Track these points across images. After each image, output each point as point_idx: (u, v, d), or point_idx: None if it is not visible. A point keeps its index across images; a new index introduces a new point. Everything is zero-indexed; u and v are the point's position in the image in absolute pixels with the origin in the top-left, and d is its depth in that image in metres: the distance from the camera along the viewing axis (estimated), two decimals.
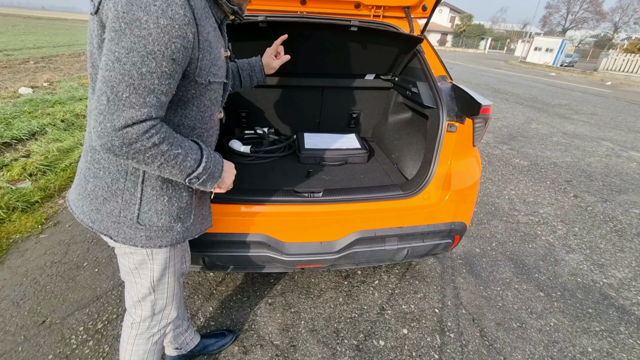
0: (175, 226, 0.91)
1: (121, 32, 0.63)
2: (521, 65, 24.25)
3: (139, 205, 0.84)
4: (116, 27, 0.63)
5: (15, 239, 2.21)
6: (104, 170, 0.82)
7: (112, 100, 0.64)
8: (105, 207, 0.84)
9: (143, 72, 0.65)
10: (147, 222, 0.86)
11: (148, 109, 0.67)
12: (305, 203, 1.43)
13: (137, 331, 1.07)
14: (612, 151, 4.98)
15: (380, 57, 2.00)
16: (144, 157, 0.70)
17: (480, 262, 2.28)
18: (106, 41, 0.65)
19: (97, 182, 0.83)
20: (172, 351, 1.42)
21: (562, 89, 11.85)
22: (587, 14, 48.30)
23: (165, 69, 0.68)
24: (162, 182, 0.85)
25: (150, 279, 0.99)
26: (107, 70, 0.64)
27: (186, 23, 0.68)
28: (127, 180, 0.82)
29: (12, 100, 4.90)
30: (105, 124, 0.65)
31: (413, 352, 1.61)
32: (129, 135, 0.66)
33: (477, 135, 1.55)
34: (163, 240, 0.90)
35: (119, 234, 0.86)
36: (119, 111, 0.64)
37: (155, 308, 1.05)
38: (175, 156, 0.75)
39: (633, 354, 1.67)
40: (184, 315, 1.38)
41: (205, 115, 0.87)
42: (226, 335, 1.57)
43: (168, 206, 0.88)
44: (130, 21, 0.63)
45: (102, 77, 0.65)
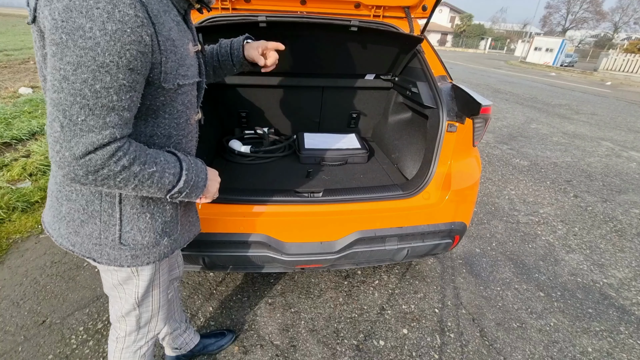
0: (162, 241, 0.85)
1: (63, 45, 0.54)
2: (521, 65, 24.24)
3: (120, 225, 0.77)
4: (56, 39, 0.54)
5: (15, 239, 2.21)
6: (77, 193, 0.75)
7: (66, 125, 0.56)
8: (84, 229, 0.78)
9: (97, 89, 0.57)
10: (130, 242, 0.80)
11: (110, 129, 0.60)
12: (305, 203, 1.43)
13: (122, 345, 1.03)
14: (612, 151, 4.98)
15: (380, 57, 2.00)
16: (115, 182, 0.64)
17: (480, 262, 2.28)
18: (48, 57, 0.56)
19: (71, 204, 0.76)
20: (172, 351, 1.42)
21: (562, 89, 11.85)
22: (587, 14, 48.31)
23: (123, 82, 0.59)
24: (142, 199, 0.78)
25: (135, 294, 0.93)
26: (55, 91, 0.56)
27: (139, 25, 0.58)
28: (103, 202, 0.75)
29: (12, 100, 4.90)
30: (64, 153, 0.57)
31: (413, 352, 1.61)
32: (93, 162, 0.59)
33: (477, 135, 1.55)
34: (150, 257, 0.84)
35: (102, 255, 0.80)
36: (76, 137, 0.57)
37: (141, 322, 1.01)
38: (150, 175, 0.68)
39: (633, 354, 1.67)
40: (181, 317, 1.38)
41: (180, 122, 0.80)
42: (226, 334, 1.57)
43: (151, 223, 0.81)
44: (71, 31, 0.54)
45: (51, 99, 0.57)
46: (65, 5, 0.53)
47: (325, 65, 2.06)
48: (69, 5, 0.53)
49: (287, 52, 1.92)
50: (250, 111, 2.34)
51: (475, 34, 49.15)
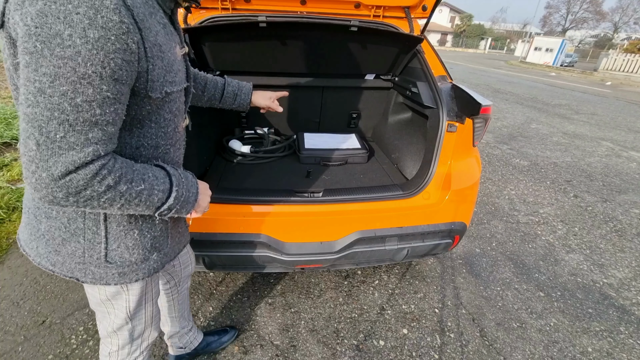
0: (151, 256, 0.80)
1: (38, 55, 0.48)
2: (521, 65, 24.24)
3: (105, 243, 0.72)
4: (30, 48, 0.48)
5: (15, 239, 2.21)
6: (57, 210, 0.68)
7: (43, 143, 0.50)
8: (66, 248, 0.71)
9: (78, 103, 0.51)
10: (117, 260, 0.74)
11: (93, 146, 0.54)
12: (305, 203, 1.44)
13: (117, 359, 0.98)
14: (612, 151, 4.98)
15: (380, 57, 2.00)
16: (100, 203, 0.59)
17: (480, 262, 2.28)
18: (21, 67, 0.50)
19: (51, 222, 0.70)
20: (176, 351, 1.42)
21: (562, 89, 11.85)
22: (587, 14, 48.32)
23: (107, 94, 0.54)
24: (129, 216, 0.73)
25: (126, 309, 0.88)
26: (29, 106, 0.50)
27: (124, 31, 0.53)
28: (87, 219, 0.69)
29: (12, 100, 4.90)
30: (40, 173, 0.51)
31: (413, 352, 1.61)
32: (74, 182, 0.53)
33: (477, 135, 1.55)
34: (139, 274, 0.79)
35: (86, 275, 0.74)
36: (55, 156, 0.51)
37: (134, 334, 0.95)
38: (138, 194, 0.63)
39: (633, 354, 1.67)
40: (188, 316, 1.38)
41: (168, 130, 0.75)
42: (228, 331, 1.58)
43: (140, 239, 0.76)
44: (47, 38, 0.48)
45: (25, 114, 0.50)
46: (39, 9, 0.47)
47: (325, 65, 2.06)
48: (44, 10, 0.47)
49: (287, 52, 1.92)
50: (250, 111, 2.33)
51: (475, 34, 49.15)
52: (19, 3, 0.49)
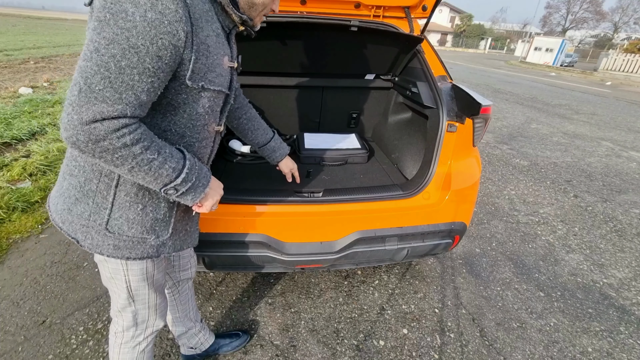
0: (148, 238, 0.84)
1: (105, 22, 0.59)
2: (521, 65, 24.24)
3: (110, 210, 0.77)
4: (101, 17, 0.59)
5: (15, 239, 2.21)
6: (79, 169, 0.77)
7: (84, 91, 0.59)
8: (77, 208, 0.78)
9: (122, 66, 0.60)
10: (116, 230, 0.79)
11: (123, 105, 0.62)
12: (305, 203, 1.43)
13: (121, 340, 1.03)
14: (612, 151, 4.98)
15: (380, 57, 2.00)
16: (112, 158, 0.64)
17: (480, 262, 2.28)
18: (89, 31, 0.61)
19: (71, 180, 0.78)
20: (187, 350, 1.43)
21: (562, 89, 11.85)
22: (587, 14, 48.29)
23: (148, 66, 0.62)
24: (139, 189, 0.78)
25: (126, 290, 0.93)
26: (84, 60, 0.60)
27: (177, 19, 0.63)
28: (101, 182, 0.76)
29: (12, 100, 4.90)
30: (73, 115, 0.59)
31: (413, 352, 1.61)
32: (97, 131, 0.60)
33: (477, 135, 1.55)
34: (132, 252, 0.83)
35: (86, 238, 0.80)
36: (89, 104, 0.59)
37: (137, 318, 1.00)
38: (149, 162, 0.68)
39: (633, 354, 1.67)
40: (196, 316, 1.39)
41: (197, 124, 0.81)
42: (240, 336, 1.57)
43: (142, 215, 0.81)
44: (116, 12, 0.59)
45: (78, 66, 0.60)
46: None
47: (325, 65, 2.06)
48: None
49: (288, 52, 1.92)
50: None
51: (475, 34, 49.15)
52: None
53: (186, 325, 1.34)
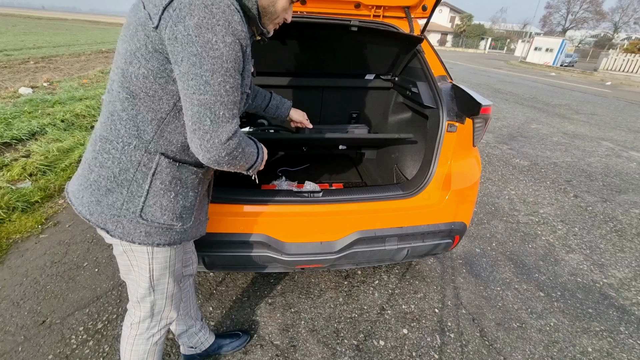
0: (176, 225, 0.90)
1: (200, 57, 0.68)
2: (521, 65, 24.24)
3: (145, 197, 0.83)
4: (194, 51, 0.68)
5: (15, 239, 2.21)
6: (113, 160, 0.81)
7: (214, 120, 0.72)
8: (108, 198, 0.82)
9: (227, 89, 0.72)
10: (149, 217, 0.85)
11: (236, 119, 0.76)
12: (305, 203, 1.43)
13: (136, 331, 1.07)
14: (612, 151, 4.98)
15: (380, 57, 2.00)
16: (240, 158, 0.81)
17: (480, 262, 2.28)
18: (187, 65, 0.69)
19: (102, 171, 0.82)
20: (187, 350, 1.43)
21: (562, 89, 11.85)
22: (587, 14, 48.29)
23: (237, 82, 0.75)
24: (172, 177, 0.85)
25: (149, 279, 0.97)
26: (201, 94, 0.70)
27: (244, 38, 0.74)
28: (138, 171, 0.81)
29: (12, 100, 4.90)
30: (213, 140, 0.73)
31: (413, 352, 1.61)
32: (231, 145, 0.76)
33: (477, 135, 1.55)
34: (162, 239, 0.89)
35: (117, 228, 0.84)
36: (220, 128, 0.73)
37: (155, 309, 1.04)
38: (251, 153, 0.85)
39: (633, 354, 1.67)
40: (197, 315, 1.39)
41: None
42: (240, 336, 1.58)
43: (174, 203, 0.88)
44: (203, 44, 0.68)
45: (198, 100, 0.71)
46: (196, 22, 0.67)
47: (325, 65, 2.06)
48: (199, 23, 0.67)
49: (288, 52, 1.92)
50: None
51: (475, 34, 49.15)
52: (181, 17, 0.67)
53: (187, 324, 1.34)
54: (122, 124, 0.78)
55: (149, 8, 0.71)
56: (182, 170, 0.87)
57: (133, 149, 0.80)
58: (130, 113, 0.77)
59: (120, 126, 0.79)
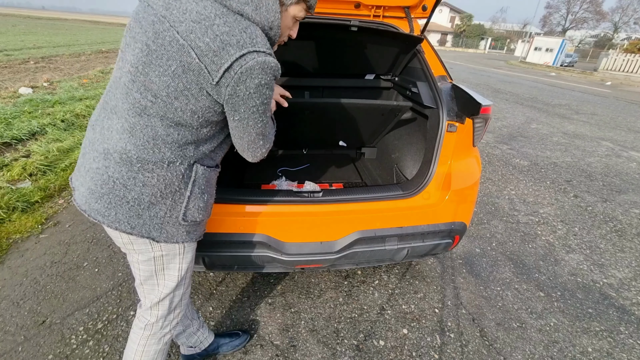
0: (202, 221, 1.01)
1: (258, 107, 0.83)
2: (521, 65, 24.24)
3: (187, 203, 0.92)
4: (254, 104, 0.83)
5: (15, 239, 2.21)
6: (159, 178, 0.87)
7: (265, 141, 0.94)
8: (150, 211, 0.88)
9: (264, 122, 0.90)
10: (190, 219, 0.94)
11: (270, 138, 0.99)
12: (305, 203, 1.43)
13: (150, 332, 1.09)
14: (612, 151, 4.98)
15: (380, 57, 2.00)
16: None
17: (480, 262, 2.28)
18: (245, 112, 0.83)
19: (145, 189, 0.86)
20: (187, 350, 1.43)
21: (562, 89, 11.85)
22: (587, 14, 48.27)
23: None
24: (206, 180, 0.95)
25: (178, 277, 1.03)
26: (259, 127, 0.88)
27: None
28: (181, 182, 0.89)
29: (12, 100, 4.90)
30: (263, 151, 0.95)
31: (413, 352, 1.61)
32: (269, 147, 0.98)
33: (477, 135, 1.55)
34: (195, 234, 1.00)
35: (162, 234, 0.91)
36: (268, 144, 0.96)
37: (172, 305, 1.08)
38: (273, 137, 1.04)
39: (633, 354, 1.67)
40: (192, 315, 1.39)
41: None
42: (240, 335, 1.58)
43: (207, 202, 0.98)
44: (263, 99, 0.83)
45: (255, 131, 0.89)
46: (256, 84, 0.79)
47: (325, 65, 2.06)
48: (259, 84, 0.80)
49: (287, 53, 1.92)
50: None
51: (475, 34, 49.15)
52: (242, 80, 0.78)
53: (183, 323, 1.33)
54: (167, 147, 0.85)
55: (204, 61, 0.76)
56: (210, 173, 0.97)
57: (178, 165, 0.88)
58: (175, 137, 0.84)
59: (165, 149, 0.85)
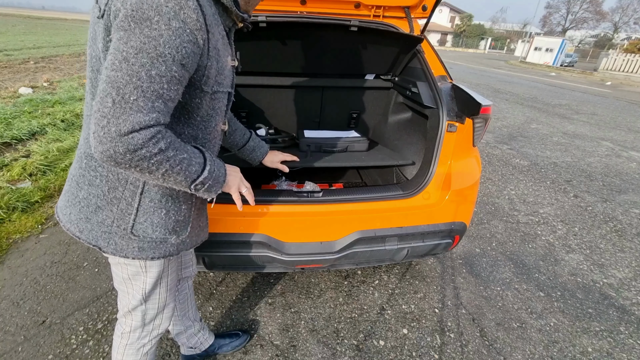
0: (170, 239, 0.87)
1: (130, 32, 0.60)
2: (521, 65, 24.24)
3: (135, 215, 0.80)
4: (125, 26, 0.60)
5: (15, 239, 2.21)
6: (101, 178, 0.78)
7: (118, 102, 0.59)
8: (97, 216, 0.80)
9: (152, 75, 0.61)
10: (140, 233, 0.82)
11: (156, 114, 0.63)
12: (305, 203, 1.43)
13: (127, 341, 1.05)
14: (612, 151, 4.98)
15: (380, 57, 2.00)
16: (149, 164, 0.65)
17: (480, 262, 2.28)
18: (114, 40, 0.61)
19: (91, 189, 0.79)
20: (187, 350, 1.43)
21: (562, 89, 11.85)
22: (587, 14, 48.26)
23: (174, 74, 0.64)
24: (162, 195, 0.81)
25: (142, 290, 0.95)
26: (113, 70, 0.59)
27: (198, 28, 0.65)
28: (126, 190, 0.78)
29: (12, 100, 4.90)
30: (110, 127, 0.59)
31: (413, 352, 1.61)
32: (135, 140, 0.60)
33: (477, 135, 1.55)
34: (156, 252, 0.86)
35: (109, 244, 0.81)
36: (125, 114, 0.59)
37: (146, 318, 1.02)
38: (180, 161, 0.70)
39: (633, 354, 1.67)
40: (195, 316, 1.39)
41: (209, 125, 0.84)
42: (240, 336, 1.57)
43: (165, 219, 0.84)
44: (140, 20, 0.59)
45: (107, 77, 0.60)
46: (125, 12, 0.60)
47: (325, 65, 2.06)
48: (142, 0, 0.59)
49: (287, 52, 1.92)
50: (250, 111, 2.34)
51: (475, 34, 49.15)
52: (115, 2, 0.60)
53: (184, 324, 1.34)
54: None
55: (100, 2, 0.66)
56: (172, 190, 0.82)
57: None
58: None
59: None
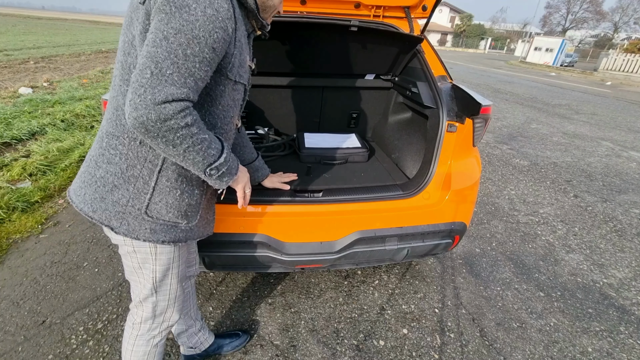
0: (181, 223, 0.90)
1: (171, 15, 0.67)
2: (521, 65, 24.24)
3: (151, 194, 0.83)
4: (166, 9, 0.67)
5: (15, 239, 2.21)
6: (120, 156, 0.80)
7: (155, 74, 0.66)
8: (113, 195, 0.82)
9: (187, 54, 0.68)
10: (154, 214, 0.85)
11: (187, 89, 0.69)
12: (305, 203, 1.43)
13: (137, 332, 1.06)
14: (612, 151, 4.98)
15: (380, 57, 2.00)
16: (174, 137, 0.70)
17: (480, 262, 2.28)
18: (154, 22, 0.68)
19: (109, 167, 0.81)
20: (187, 350, 1.43)
21: (562, 89, 11.85)
22: (587, 14, 48.26)
23: (206, 55, 0.70)
24: (178, 174, 0.85)
25: (152, 279, 0.97)
26: (154, 46, 0.66)
27: (229, 17, 0.73)
28: (144, 168, 0.81)
29: (12, 100, 4.90)
30: (146, 96, 0.65)
31: (413, 352, 1.61)
32: (166, 110, 0.66)
33: (477, 135, 1.55)
34: (167, 236, 0.88)
35: (122, 225, 0.83)
36: (160, 85, 0.66)
37: (157, 310, 1.04)
38: (202, 141, 0.74)
39: (633, 354, 1.67)
40: (197, 315, 1.39)
41: (227, 115, 0.89)
42: (240, 335, 1.57)
43: (179, 200, 0.87)
44: (180, 6, 0.67)
45: (148, 52, 0.67)
46: None
47: (325, 65, 2.06)
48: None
49: (287, 52, 1.92)
50: (250, 111, 2.34)
51: (475, 34, 49.15)
52: None
53: (186, 323, 1.34)
54: None
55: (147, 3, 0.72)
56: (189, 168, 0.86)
57: (139, 145, 0.80)
58: None
59: (125, 121, 0.77)
